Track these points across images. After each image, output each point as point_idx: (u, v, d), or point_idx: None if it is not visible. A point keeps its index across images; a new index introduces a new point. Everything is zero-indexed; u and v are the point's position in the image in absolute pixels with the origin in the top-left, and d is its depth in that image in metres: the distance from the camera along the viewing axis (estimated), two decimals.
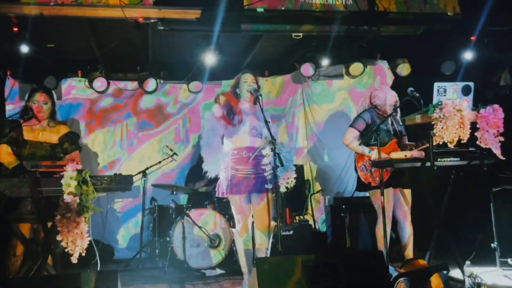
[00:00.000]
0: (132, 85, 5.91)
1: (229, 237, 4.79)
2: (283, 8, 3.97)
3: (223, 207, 5.00)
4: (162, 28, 4.28)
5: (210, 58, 4.87)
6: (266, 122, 3.44)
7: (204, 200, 5.19)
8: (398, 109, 4.23)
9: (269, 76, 6.19)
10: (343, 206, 5.30)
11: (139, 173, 5.25)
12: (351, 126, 4.22)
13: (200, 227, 4.76)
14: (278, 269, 2.75)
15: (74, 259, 2.71)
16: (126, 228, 5.79)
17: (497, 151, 3.43)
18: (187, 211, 4.82)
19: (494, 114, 3.44)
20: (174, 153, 5.52)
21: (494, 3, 4.10)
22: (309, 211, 5.65)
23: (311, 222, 5.46)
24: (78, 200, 2.70)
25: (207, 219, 4.88)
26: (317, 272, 2.70)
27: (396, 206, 4.11)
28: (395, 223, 4.16)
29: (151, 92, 5.84)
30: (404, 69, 5.75)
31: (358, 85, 6.07)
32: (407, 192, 4.11)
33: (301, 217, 5.45)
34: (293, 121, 6.12)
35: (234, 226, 3.74)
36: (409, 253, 4.10)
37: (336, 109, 6.10)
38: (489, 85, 5.90)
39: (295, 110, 6.13)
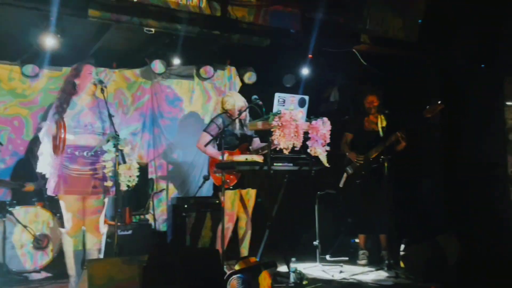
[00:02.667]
0: None
1: (58, 237, 4.41)
2: (135, 0, 3.84)
3: (54, 206, 4.58)
4: None
5: (49, 41, 4.44)
6: (110, 116, 3.29)
7: (32, 197, 4.70)
8: (248, 114, 4.46)
9: (117, 68, 5.90)
10: (185, 206, 5.34)
11: None
12: (204, 130, 4.34)
13: (25, 226, 4.29)
14: (111, 271, 2.64)
15: None
16: None
17: (323, 159, 3.85)
18: (9, 209, 4.30)
19: (323, 125, 3.84)
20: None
21: (328, 28, 4.60)
22: (151, 210, 5.55)
23: (152, 221, 5.37)
24: None
25: (34, 218, 4.43)
26: (152, 271, 2.67)
27: (241, 206, 4.32)
28: (236, 222, 4.37)
29: None
30: (250, 77, 6.06)
31: (209, 87, 6.17)
32: (253, 193, 4.36)
33: (142, 216, 5.32)
34: (140, 118, 5.94)
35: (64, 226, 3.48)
36: (245, 251, 4.34)
37: (184, 109, 6.11)
38: (321, 100, 6.62)
39: (143, 107, 5.96)
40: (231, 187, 4.10)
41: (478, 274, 4.06)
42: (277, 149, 3.67)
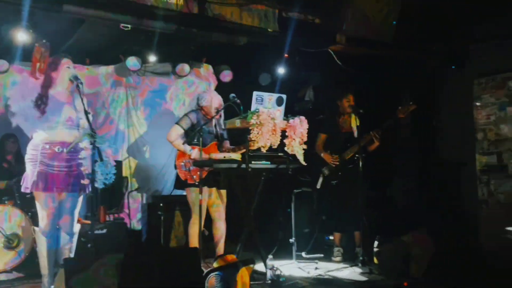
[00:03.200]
0: None
1: (30, 236, 4.30)
2: None
3: (26, 204, 4.47)
4: None
5: (21, 36, 4.33)
6: (86, 112, 3.23)
7: (2, 196, 4.56)
8: (222, 113, 4.46)
9: (90, 64, 5.79)
10: (160, 204, 5.29)
11: None
12: (176, 123, 4.29)
13: None
14: (87, 269, 2.60)
15: None
16: None
17: (300, 157, 3.89)
18: None
19: (301, 124, 3.89)
20: None
21: (305, 28, 4.65)
22: (125, 209, 5.48)
23: (127, 220, 5.30)
24: None
25: (5, 217, 4.30)
26: (129, 270, 2.64)
27: (211, 204, 4.30)
28: (209, 220, 4.36)
29: None
30: (226, 75, 6.05)
31: (185, 85, 6.14)
32: (223, 192, 4.35)
33: (117, 215, 5.25)
34: (115, 115, 5.85)
35: (37, 225, 3.41)
36: (221, 249, 4.34)
37: (160, 107, 6.06)
38: (297, 99, 6.68)
39: (117, 104, 5.87)
40: (196, 183, 4.04)
41: (447, 269, 4.19)
42: (255, 147, 3.70)
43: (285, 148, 3.87)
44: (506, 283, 3.88)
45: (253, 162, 3.86)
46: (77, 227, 3.43)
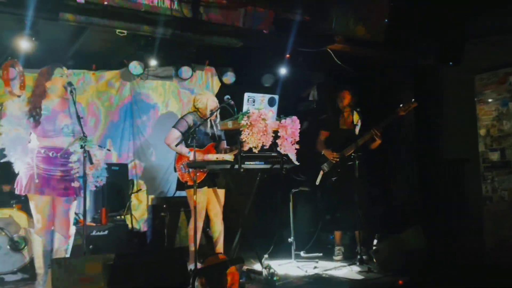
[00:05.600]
0: None
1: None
2: (106, 3, 3.88)
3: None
4: None
5: (24, 44, 4.48)
6: (79, 117, 3.34)
7: (10, 199, 4.72)
8: (219, 114, 4.52)
9: (96, 70, 5.94)
10: (164, 206, 5.38)
11: None
12: (173, 127, 4.39)
13: (1, 228, 4.32)
14: (75, 270, 2.69)
15: None
16: None
17: (293, 157, 3.91)
18: None
19: (293, 124, 3.91)
20: None
21: (302, 28, 4.67)
22: (130, 211, 5.59)
23: (130, 222, 5.40)
24: None
25: (11, 220, 4.45)
26: (116, 271, 2.72)
27: (210, 205, 4.37)
28: (208, 220, 4.43)
29: None
30: (229, 77, 6.11)
31: (187, 88, 6.23)
32: (221, 192, 4.41)
33: (122, 217, 5.36)
34: (120, 119, 5.98)
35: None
36: (220, 248, 4.40)
37: (165, 109, 6.16)
38: (301, 99, 6.70)
39: (122, 108, 6.00)
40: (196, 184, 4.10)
41: (447, 267, 4.15)
42: (246, 148, 3.73)
43: (278, 148, 3.89)
44: (510, 281, 3.81)
45: (246, 162, 3.89)
46: (73, 229, 3.54)
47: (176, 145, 4.19)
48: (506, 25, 4.55)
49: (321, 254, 4.96)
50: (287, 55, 5.62)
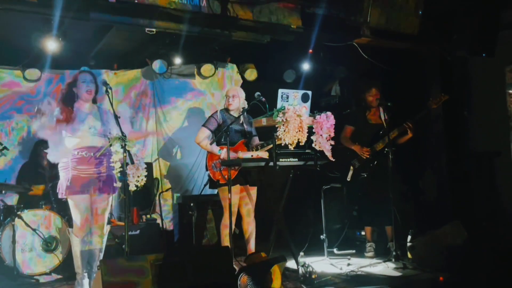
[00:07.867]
0: None
1: (67, 239, 4.44)
2: (136, 1, 3.84)
3: (62, 208, 4.61)
4: None
5: (51, 45, 4.47)
6: (116, 117, 3.33)
7: (39, 200, 4.73)
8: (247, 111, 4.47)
9: (118, 69, 5.92)
10: (191, 204, 5.36)
11: None
12: (203, 125, 4.36)
13: (34, 230, 4.33)
14: (123, 270, 2.67)
15: None
16: None
17: (328, 153, 3.86)
18: (18, 212, 4.33)
19: (327, 120, 3.86)
20: (5, 147, 4.87)
21: (329, 22, 4.61)
22: (157, 210, 5.58)
23: (159, 221, 5.39)
24: None
25: (43, 221, 4.46)
26: (165, 270, 2.70)
27: (242, 203, 4.34)
28: (239, 219, 4.40)
29: None
30: (251, 74, 6.07)
31: (210, 86, 6.19)
32: (253, 189, 4.38)
33: (149, 216, 5.35)
34: (143, 118, 5.95)
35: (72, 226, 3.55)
36: (251, 247, 4.37)
37: (188, 107, 6.13)
38: (323, 94, 6.64)
39: (145, 107, 5.97)
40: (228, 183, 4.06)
41: (484, 262, 4.07)
42: (282, 144, 3.70)
43: (313, 145, 3.85)
44: None
45: (281, 159, 3.85)
46: (106, 229, 3.54)
47: (210, 144, 4.16)
48: None
49: (354, 251, 4.91)
50: (310, 50, 5.57)
